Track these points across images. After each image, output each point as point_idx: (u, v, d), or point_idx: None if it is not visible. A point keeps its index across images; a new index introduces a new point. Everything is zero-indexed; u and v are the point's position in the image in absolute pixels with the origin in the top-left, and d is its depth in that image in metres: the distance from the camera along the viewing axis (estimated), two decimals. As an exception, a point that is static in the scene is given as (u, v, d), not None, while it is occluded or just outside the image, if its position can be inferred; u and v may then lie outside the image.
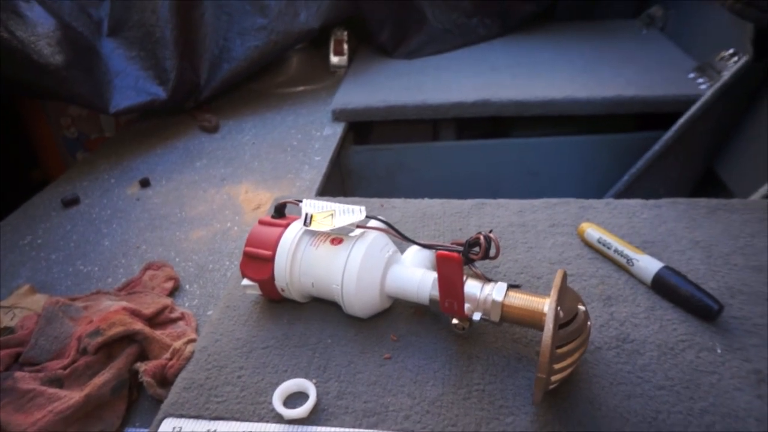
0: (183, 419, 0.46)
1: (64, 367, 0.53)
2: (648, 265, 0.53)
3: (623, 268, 0.56)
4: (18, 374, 0.52)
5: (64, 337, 0.57)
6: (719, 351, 0.46)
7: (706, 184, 1.09)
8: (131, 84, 1.09)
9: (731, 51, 1.03)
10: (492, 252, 0.49)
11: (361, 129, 1.25)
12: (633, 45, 1.31)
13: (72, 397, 0.50)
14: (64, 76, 0.96)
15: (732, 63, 1.00)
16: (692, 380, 0.44)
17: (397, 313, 0.54)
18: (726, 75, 0.97)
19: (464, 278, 0.44)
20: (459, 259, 0.38)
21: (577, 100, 1.08)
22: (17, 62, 0.91)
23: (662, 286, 0.52)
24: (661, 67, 1.17)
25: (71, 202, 0.92)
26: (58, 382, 0.52)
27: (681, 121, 1.00)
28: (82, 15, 1.07)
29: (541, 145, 1.17)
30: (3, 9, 0.90)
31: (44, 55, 0.93)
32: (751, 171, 0.95)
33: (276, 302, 0.57)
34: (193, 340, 0.56)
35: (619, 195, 1.06)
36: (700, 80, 1.08)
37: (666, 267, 0.52)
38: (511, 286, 0.45)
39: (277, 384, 0.47)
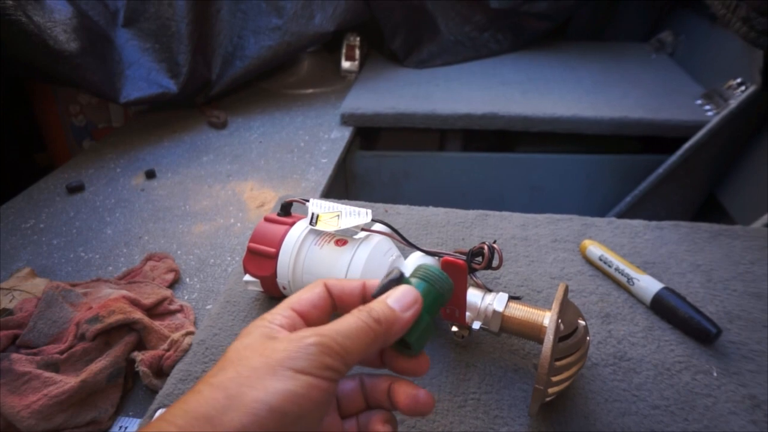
0: (177, 410, 0.46)
1: (61, 352, 0.53)
2: (648, 285, 0.54)
3: (623, 286, 0.56)
4: (14, 356, 0.52)
5: (62, 322, 0.57)
6: (715, 374, 0.46)
7: (708, 209, 1.09)
8: (143, 75, 1.10)
9: (739, 80, 1.04)
10: (495, 262, 0.50)
11: (369, 135, 1.26)
12: (642, 68, 1.32)
13: (67, 382, 0.50)
14: (77, 63, 0.97)
15: (739, 92, 1.01)
16: (687, 402, 0.44)
17: (397, 317, 0.54)
18: (733, 103, 0.98)
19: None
20: (464, 266, 0.38)
21: (584, 119, 1.08)
22: (33, 46, 0.91)
23: (661, 307, 0.52)
24: (669, 92, 1.18)
25: (76, 189, 0.92)
26: (54, 366, 0.52)
27: (686, 146, 1.01)
28: (99, 4, 1.08)
29: (545, 162, 1.18)
30: (22, -7, 0.91)
31: (60, 41, 0.94)
32: (753, 199, 0.96)
33: (276, 300, 0.57)
34: (191, 333, 0.56)
35: (621, 216, 1.07)
36: (707, 107, 1.08)
37: (666, 288, 0.53)
38: (512, 298, 0.45)
39: (274, 381, 0.47)
